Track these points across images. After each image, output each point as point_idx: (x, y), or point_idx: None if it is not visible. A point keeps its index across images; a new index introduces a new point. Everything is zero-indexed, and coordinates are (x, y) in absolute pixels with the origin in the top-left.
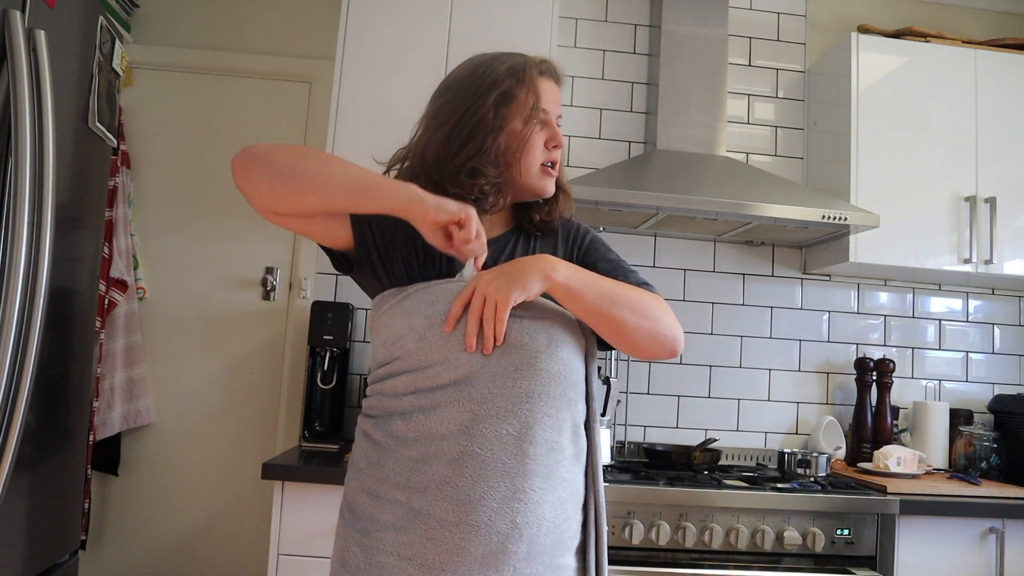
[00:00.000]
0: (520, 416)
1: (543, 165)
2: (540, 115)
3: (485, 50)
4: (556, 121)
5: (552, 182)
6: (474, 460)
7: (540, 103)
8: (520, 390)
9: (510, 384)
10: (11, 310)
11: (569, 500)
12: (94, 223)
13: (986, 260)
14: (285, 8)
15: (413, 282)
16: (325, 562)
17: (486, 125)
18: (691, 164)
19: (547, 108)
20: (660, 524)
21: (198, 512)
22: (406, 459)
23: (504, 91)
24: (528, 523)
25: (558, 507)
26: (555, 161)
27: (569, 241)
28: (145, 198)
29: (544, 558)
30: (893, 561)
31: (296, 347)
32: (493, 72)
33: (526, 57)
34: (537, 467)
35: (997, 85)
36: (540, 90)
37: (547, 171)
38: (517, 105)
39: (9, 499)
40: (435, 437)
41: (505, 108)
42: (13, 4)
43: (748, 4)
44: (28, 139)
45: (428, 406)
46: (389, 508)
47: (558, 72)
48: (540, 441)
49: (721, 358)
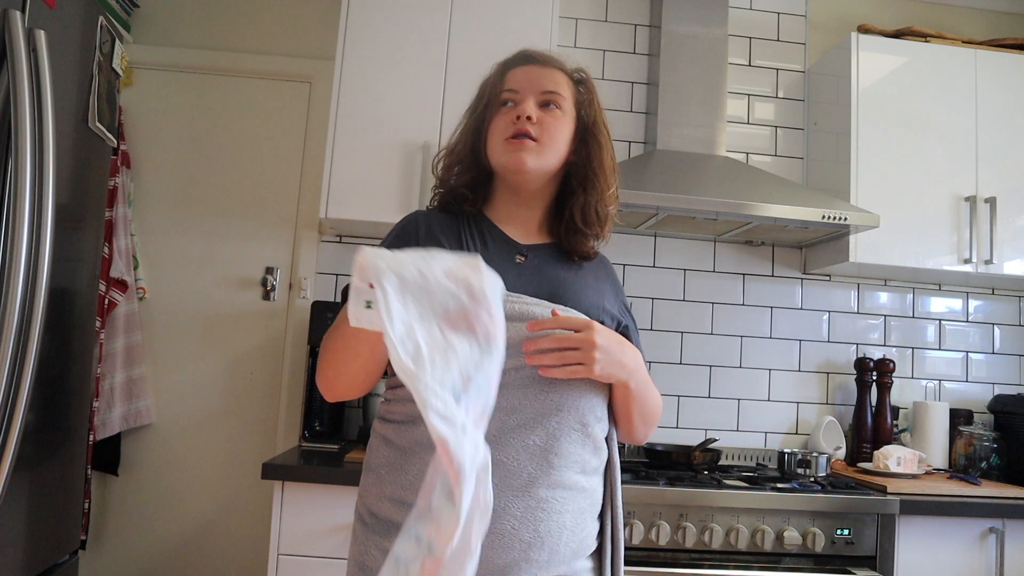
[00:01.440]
0: (548, 428)
1: (507, 138)
2: (503, 96)
3: (485, 50)
4: (549, 98)
5: (523, 154)
6: (500, 469)
7: (501, 87)
8: (551, 403)
9: (541, 397)
10: (11, 310)
11: (588, 509)
12: (94, 223)
13: (986, 260)
14: (285, 8)
15: None
16: (325, 562)
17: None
18: (691, 164)
19: (514, 87)
20: (660, 524)
21: (198, 512)
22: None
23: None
24: (550, 532)
25: (578, 516)
26: (521, 131)
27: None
28: (145, 198)
29: (563, 566)
30: (893, 561)
31: (296, 347)
32: (484, 82)
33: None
34: (561, 478)
35: (997, 85)
36: (507, 76)
37: (511, 142)
38: (486, 98)
39: (9, 499)
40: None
41: (482, 107)
42: (13, 4)
43: (748, 4)
44: (28, 139)
45: None
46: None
47: (533, 56)
48: (565, 453)
49: (721, 358)
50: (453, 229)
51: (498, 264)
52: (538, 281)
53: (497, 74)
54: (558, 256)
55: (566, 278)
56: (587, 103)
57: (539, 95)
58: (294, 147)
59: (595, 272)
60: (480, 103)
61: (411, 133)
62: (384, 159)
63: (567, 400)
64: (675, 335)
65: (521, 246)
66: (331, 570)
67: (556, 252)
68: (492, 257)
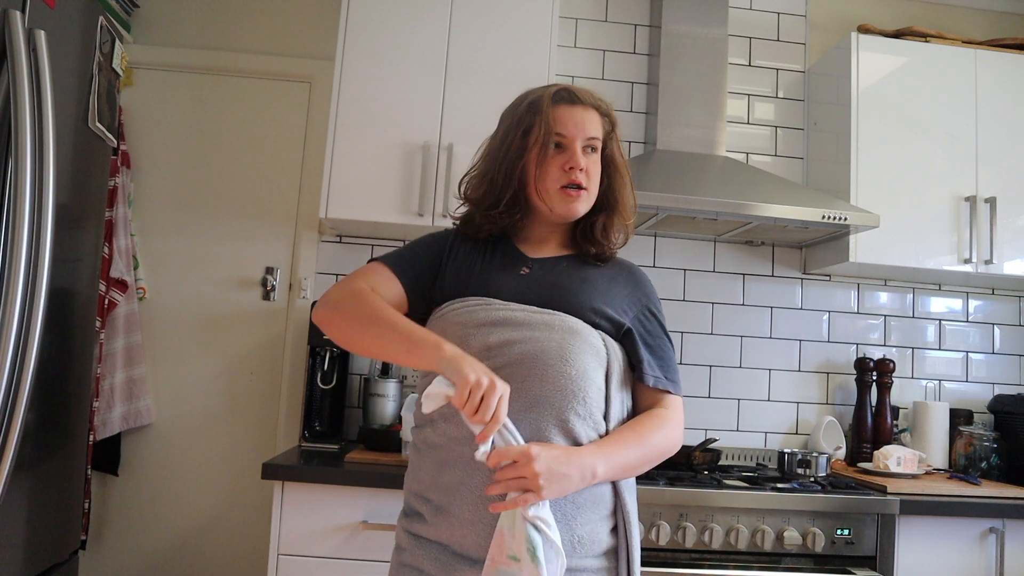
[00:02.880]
0: (531, 422)
1: (563, 188)
2: (553, 139)
3: (485, 50)
4: (591, 143)
5: (577, 204)
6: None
7: (553, 127)
8: (530, 396)
9: (522, 391)
10: (11, 310)
11: (589, 506)
12: (94, 223)
13: (986, 260)
14: (285, 8)
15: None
16: (325, 562)
17: (509, 159)
18: (691, 164)
19: (563, 132)
20: (660, 524)
21: (198, 512)
22: (433, 463)
23: (525, 127)
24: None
25: (570, 509)
26: (575, 182)
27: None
28: (145, 198)
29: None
30: (893, 561)
31: (296, 347)
32: (517, 111)
33: (549, 87)
34: None
35: (997, 85)
36: (553, 116)
37: (567, 193)
38: (533, 135)
39: (9, 499)
40: (455, 441)
41: (523, 140)
42: (13, 4)
43: (748, 4)
44: (28, 139)
45: (451, 413)
46: (426, 505)
47: (576, 95)
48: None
49: (721, 358)
50: (469, 240)
51: (502, 274)
52: (536, 290)
53: (542, 111)
54: (567, 265)
55: (564, 285)
56: (611, 136)
57: (584, 140)
58: (294, 147)
59: (612, 277)
60: (518, 131)
61: (411, 133)
62: (384, 159)
63: (545, 393)
64: (675, 335)
65: (529, 259)
66: (331, 570)
67: (565, 261)
68: (497, 267)
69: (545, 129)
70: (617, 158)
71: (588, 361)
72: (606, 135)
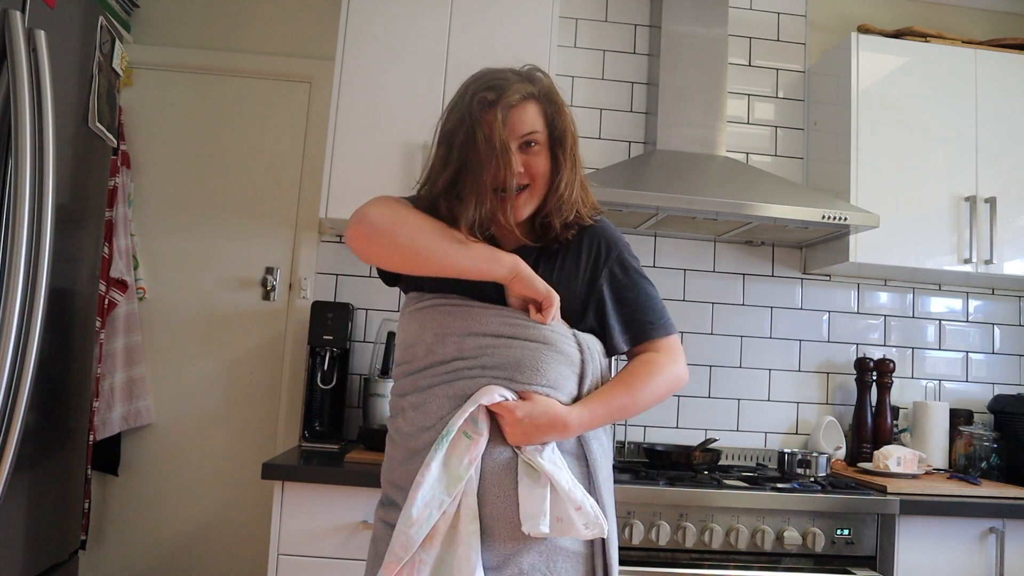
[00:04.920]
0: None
1: (501, 196)
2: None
3: (485, 50)
4: (528, 138)
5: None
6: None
7: (483, 133)
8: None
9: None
10: (11, 310)
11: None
12: (94, 223)
13: (986, 260)
14: (285, 8)
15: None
16: (325, 562)
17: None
18: (691, 164)
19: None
20: (660, 524)
21: (198, 512)
22: (404, 451)
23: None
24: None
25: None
26: (512, 185)
27: (591, 258)
28: (145, 198)
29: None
30: (893, 561)
31: (296, 347)
32: (448, 122)
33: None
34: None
35: (997, 85)
36: (484, 122)
37: (504, 198)
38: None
39: (9, 499)
40: (423, 429)
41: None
42: (13, 4)
43: (748, 4)
44: (28, 139)
45: (420, 403)
46: (400, 494)
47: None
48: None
49: (721, 358)
50: None
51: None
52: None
53: (473, 114)
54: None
55: None
56: (555, 115)
57: (519, 140)
58: (294, 147)
59: (573, 255)
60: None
61: (411, 133)
62: (384, 159)
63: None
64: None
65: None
66: (331, 570)
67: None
68: None
69: (480, 135)
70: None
71: (561, 371)
72: (549, 118)
